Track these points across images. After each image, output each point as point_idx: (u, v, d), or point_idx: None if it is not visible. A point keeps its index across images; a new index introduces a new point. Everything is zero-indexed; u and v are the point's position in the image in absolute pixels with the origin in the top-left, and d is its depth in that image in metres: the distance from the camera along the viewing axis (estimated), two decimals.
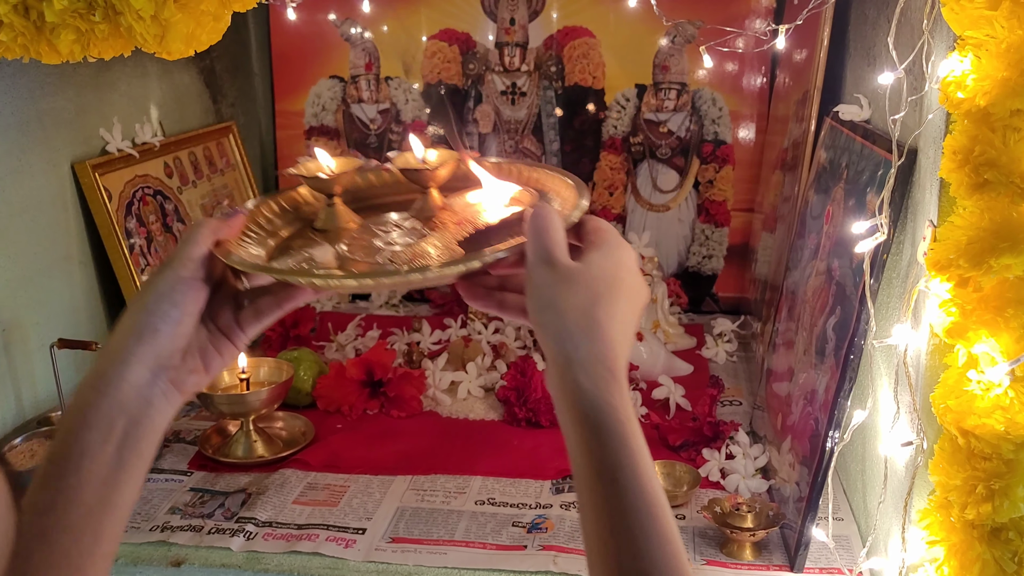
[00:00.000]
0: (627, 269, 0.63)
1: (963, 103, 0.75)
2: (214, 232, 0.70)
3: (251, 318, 0.70)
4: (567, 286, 0.60)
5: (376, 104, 2.09)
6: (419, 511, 1.23)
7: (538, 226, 0.62)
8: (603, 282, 0.60)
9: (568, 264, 0.61)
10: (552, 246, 0.61)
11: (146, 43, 0.91)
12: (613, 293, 0.60)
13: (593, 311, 0.59)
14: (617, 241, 0.64)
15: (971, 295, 0.79)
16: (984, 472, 0.80)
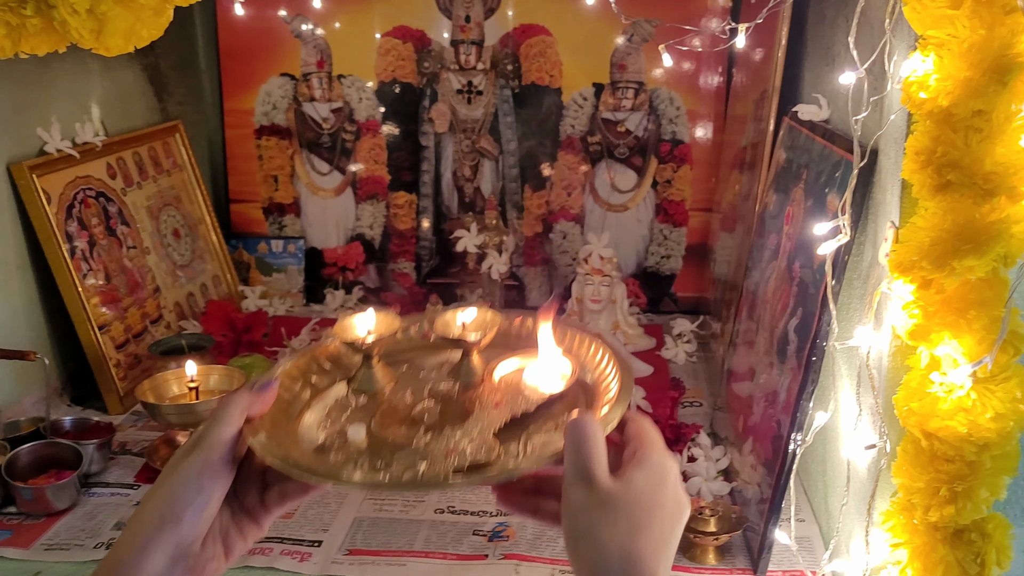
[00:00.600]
0: (670, 487, 0.60)
1: (925, 103, 0.74)
2: (245, 409, 0.65)
3: (276, 499, 0.67)
4: (605, 512, 0.56)
5: (329, 103, 2.04)
6: (377, 521, 1.20)
7: (577, 439, 0.58)
8: (644, 509, 0.57)
9: (607, 486, 0.57)
10: (592, 463, 0.57)
11: (82, 39, 0.87)
12: (652, 519, 0.57)
13: (633, 544, 0.56)
14: (660, 454, 0.60)
15: (934, 297, 0.78)
16: (947, 474, 0.80)
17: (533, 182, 2.02)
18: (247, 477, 0.66)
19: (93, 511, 1.23)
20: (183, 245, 1.89)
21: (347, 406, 0.75)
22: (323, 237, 2.11)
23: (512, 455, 0.64)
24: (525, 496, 0.66)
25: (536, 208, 2.02)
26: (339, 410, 0.74)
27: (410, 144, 2.04)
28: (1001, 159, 0.73)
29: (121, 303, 1.64)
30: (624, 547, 0.56)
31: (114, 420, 1.47)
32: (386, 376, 0.77)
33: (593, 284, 1.78)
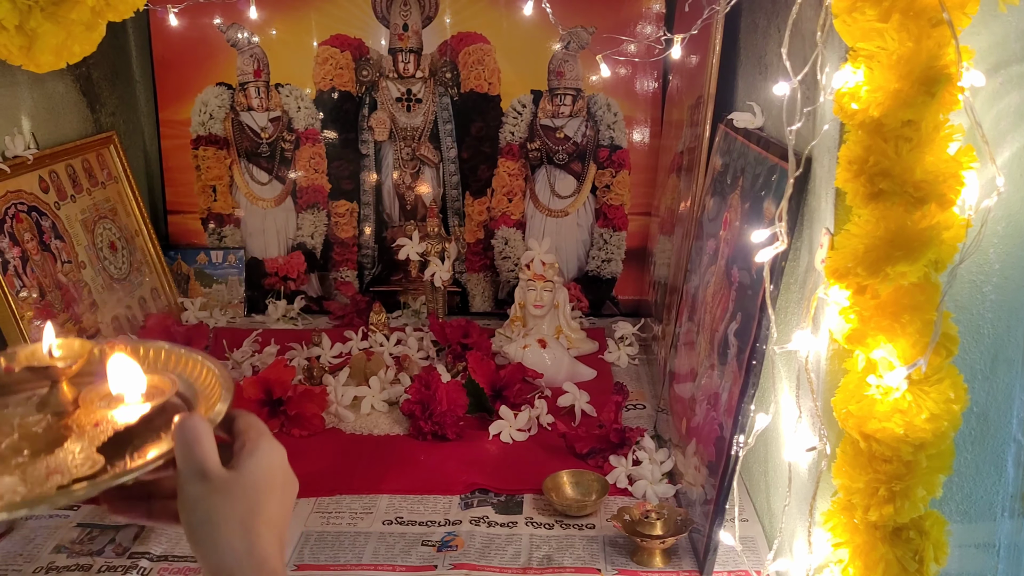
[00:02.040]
0: (278, 469, 0.64)
1: (857, 114, 0.76)
2: None
3: None
4: (222, 498, 0.60)
5: (267, 112, 2.02)
6: (325, 535, 1.19)
7: (187, 439, 0.60)
8: (258, 490, 0.61)
9: (221, 474, 0.60)
10: (204, 459, 0.60)
11: (11, 55, 0.84)
12: (267, 499, 0.62)
13: (252, 522, 0.60)
14: (269, 444, 0.65)
15: (869, 302, 0.80)
16: (885, 474, 0.82)
17: (474, 189, 2.02)
18: None
19: (30, 535, 1.20)
20: (120, 258, 1.85)
21: None
22: (263, 247, 2.08)
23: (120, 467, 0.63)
24: (137, 502, 0.67)
25: (477, 215, 2.03)
26: None
27: (350, 152, 2.03)
28: (930, 167, 0.76)
29: (56, 319, 1.59)
30: (245, 525, 0.60)
31: None
32: None
33: (535, 290, 1.79)
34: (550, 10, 1.06)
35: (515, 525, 1.21)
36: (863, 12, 0.75)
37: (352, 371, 1.62)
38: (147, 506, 0.66)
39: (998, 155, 0.83)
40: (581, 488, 1.27)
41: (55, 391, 0.72)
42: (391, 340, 1.79)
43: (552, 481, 1.27)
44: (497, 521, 1.23)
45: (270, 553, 0.60)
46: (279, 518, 0.63)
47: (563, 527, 1.21)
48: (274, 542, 0.61)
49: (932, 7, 0.72)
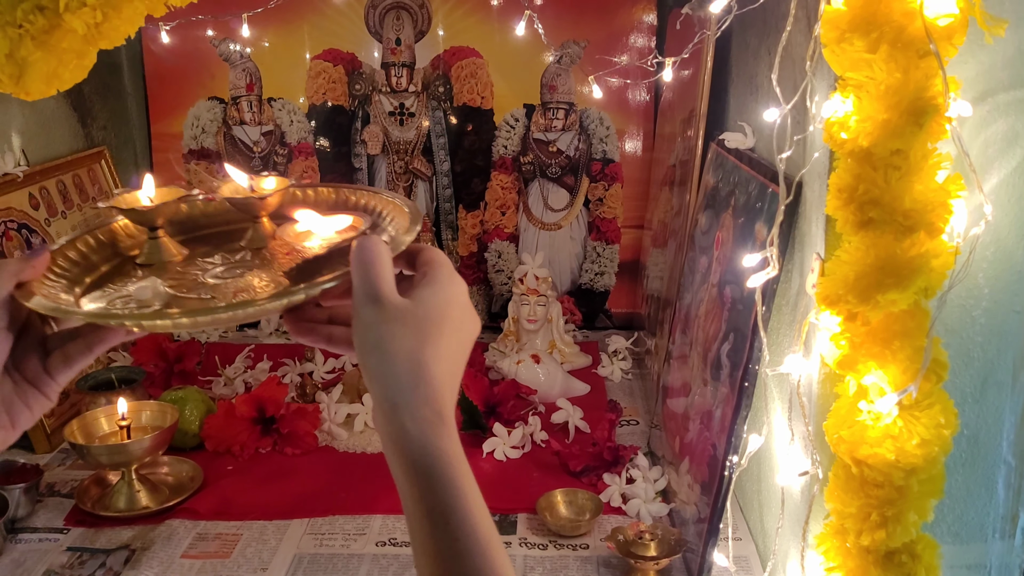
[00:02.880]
0: (457, 305, 0.61)
1: (846, 143, 0.77)
2: (15, 274, 0.64)
3: (60, 364, 0.64)
4: (394, 326, 0.57)
5: (259, 126, 2.02)
6: (318, 557, 1.19)
7: (364, 260, 0.58)
8: (431, 321, 0.59)
9: (396, 301, 0.58)
10: (379, 281, 0.58)
11: (1, 84, 0.84)
12: (442, 332, 0.59)
13: (420, 354, 0.57)
14: (449, 275, 0.62)
15: (859, 329, 0.81)
16: (877, 499, 0.83)
17: (467, 202, 2.02)
18: (26, 347, 0.64)
19: (20, 559, 1.19)
20: None
21: (131, 275, 0.72)
22: None
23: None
24: (318, 325, 0.66)
25: (471, 228, 2.03)
26: (123, 279, 0.72)
27: (343, 166, 2.03)
28: (919, 196, 0.76)
29: None
30: (413, 355, 0.57)
31: (41, 459, 1.43)
32: (174, 248, 0.75)
33: (529, 304, 1.80)
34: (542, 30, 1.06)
35: (509, 546, 1.21)
36: (852, 42, 0.75)
37: (345, 388, 1.62)
38: (328, 331, 0.65)
39: (985, 182, 0.83)
40: (575, 507, 1.27)
41: (256, 226, 0.74)
42: None
43: (546, 500, 1.27)
44: None
45: (436, 390, 0.57)
46: (453, 354, 0.59)
47: (557, 547, 1.21)
48: (444, 378, 0.58)
49: (920, 38, 0.73)
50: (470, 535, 0.55)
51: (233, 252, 0.75)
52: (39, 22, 0.78)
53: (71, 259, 0.72)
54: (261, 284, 0.68)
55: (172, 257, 0.74)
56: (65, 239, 0.73)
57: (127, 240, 0.76)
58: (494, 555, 0.56)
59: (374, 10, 1.95)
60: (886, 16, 0.74)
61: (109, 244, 0.75)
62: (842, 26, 0.76)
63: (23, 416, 0.64)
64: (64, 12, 0.79)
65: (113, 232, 0.76)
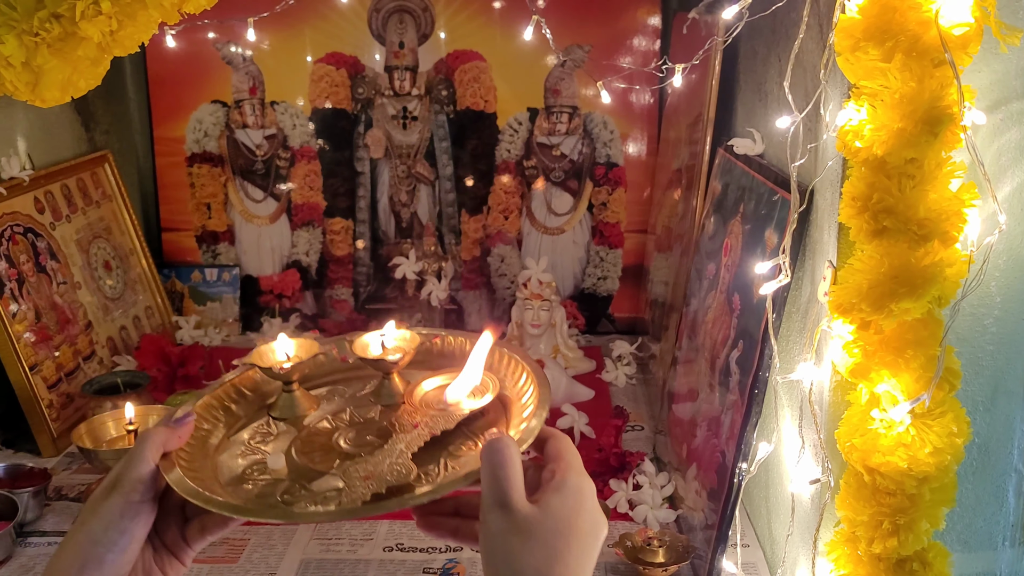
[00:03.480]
0: (586, 512, 0.60)
1: (861, 152, 0.77)
2: (161, 445, 0.65)
3: (197, 534, 0.66)
4: (523, 539, 0.56)
5: (262, 129, 2.02)
6: (324, 562, 1.19)
7: (494, 463, 0.58)
8: (562, 535, 0.57)
9: (524, 510, 0.57)
10: (509, 488, 0.57)
11: (17, 91, 0.84)
12: (570, 546, 0.58)
13: (549, 572, 0.56)
14: (578, 477, 0.61)
15: (872, 337, 0.81)
16: (889, 508, 0.83)
17: (470, 206, 2.02)
18: (167, 513, 0.65)
19: (29, 563, 1.19)
20: (114, 277, 1.84)
21: (268, 434, 0.74)
22: (258, 264, 2.07)
23: (431, 477, 0.65)
24: (445, 518, 0.66)
25: (473, 232, 2.03)
26: (259, 439, 0.74)
27: (345, 170, 2.03)
28: (933, 205, 0.76)
29: (52, 341, 1.58)
30: (540, 573, 0.56)
31: (48, 463, 1.43)
32: (307, 402, 0.77)
33: (533, 309, 1.80)
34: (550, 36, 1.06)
35: None
36: (866, 51, 0.75)
37: None
38: (455, 524, 0.65)
39: (999, 191, 0.83)
40: None
41: (386, 383, 0.75)
42: None
43: None
44: None
45: None
46: (579, 567, 0.58)
47: None
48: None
49: (935, 47, 0.73)
50: None
51: (362, 408, 0.76)
52: (55, 30, 0.78)
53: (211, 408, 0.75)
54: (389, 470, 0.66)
55: (306, 411, 0.75)
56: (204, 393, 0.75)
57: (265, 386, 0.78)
58: None
59: (377, 13, 1.95)
60: (901, 25, 0.74)
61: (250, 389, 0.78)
62: (856, 35, 0.76)
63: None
64: (80, 20, 0.79)
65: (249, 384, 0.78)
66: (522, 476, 0.59)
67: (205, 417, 0.74)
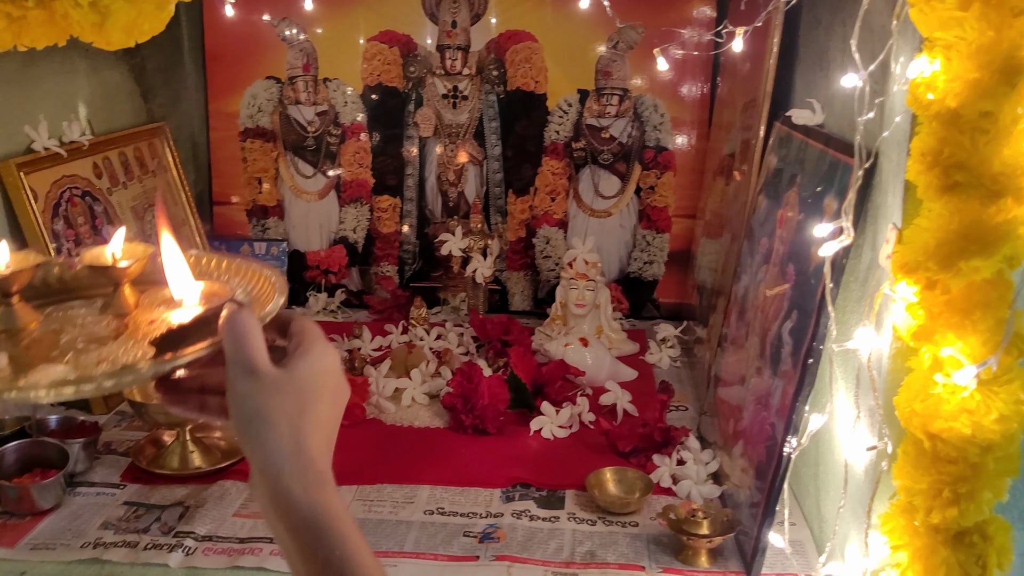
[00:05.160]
0: (330, 373, 0.63)
1: (932, 105, 0.75)
2: None
3: None
4: (272, 396, 0.59)
5: (314, 106, 2.03)
6: (366, 522, 1.19)
7: (236, 331, 0.59)
8: (308, 392, 0.60)
9: (271, 372, 0.59)
10: (253, 354, 0.59)
11: (83, 31, 0.85)
12: (318, 401, 0.61)
13: (300, 421, 0.59)
14: (323, 347, 0.63)
15: (938, 298, 0.79)
16: (950, 476, 0.81)
17: (517, 187, 2.02)
18: None
19: (78, 511, 1.21)
20: None
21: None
22: (306, 240, 2.09)
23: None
24: (190, 395, 0.66)
25: (520, 213, 2.02)
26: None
27: (394, 148, 2.03)
28: (1008, 160, 0.74)
29: None
30: (293, 424, 0.59)
31: (99, 420, 1.45)
32: (29, 315, 0.73)
33: (578, 288, 1.79)
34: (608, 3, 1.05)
35: (557, 520, 1.21)
36: (941, 1, 0.74)
37: (393, 363, 1.62)
38: (200, 400, 0.66)
39: None
40: (624, 486, 1.26)
41: (117, 293, 0.73)
42: (431, 335, 1.79)
43: (595, 478, 1.26)
44: (539, 515, 1.22)
45: (318, 453, 0.59)
46: (329, 421, 0.62)
47: (606, 524, 1.20)
48: (322, 443, 0.60)
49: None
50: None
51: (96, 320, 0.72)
52: None
53: None
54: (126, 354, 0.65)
55: (28, 324, 0.72)
56: None
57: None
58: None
59: None
60: None
61: None
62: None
63: None
64: None
65: None
66: (264, 345, 0.60)
67: None
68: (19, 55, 1.51)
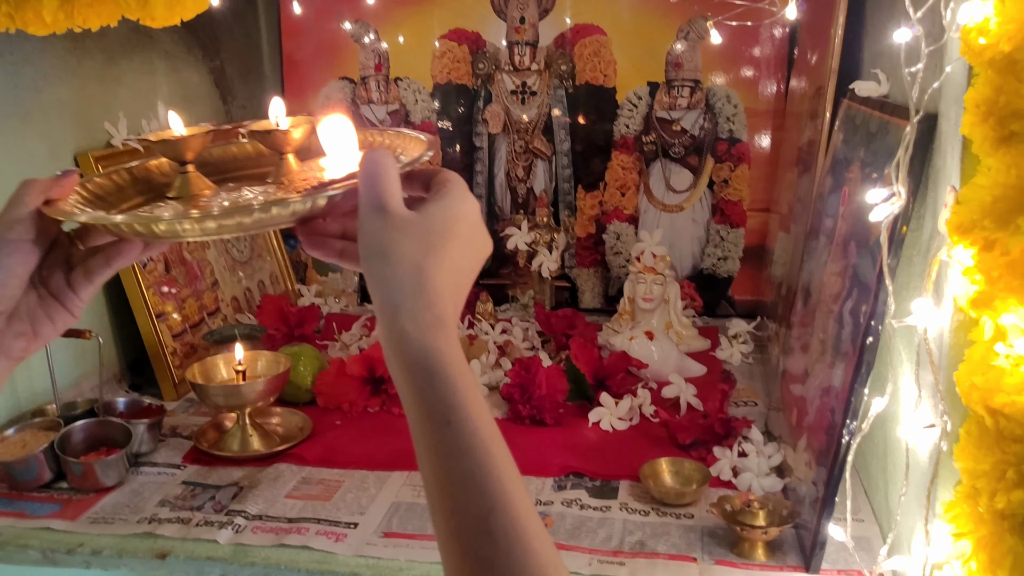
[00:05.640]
0: (466, 220, 0.61)
1: (985, 50, 0.70)
2: (43, 192, 0.68)
3: (82, 279, 0.69)
4: (398, 234, 0.58)
5: (385, 105, 2.06)
6: (414, 507, 1.18)
7: (370, 171, 0.59)
8: (436, 233, 0.59)
9: (401, 212, 0.58)
10: (383, 192, 0.58)
11: (129, 8, 0.88)
12: (446, 244, 0.59)
13: (423, 261, 0.57)
14: (461, 193, 0.62)
15: (998, 260, 0.73)
16: (1015, 455, 0.74)
17: (586, 182, 1.99)
18: (53, 263, 0.69)
19: (139, 488, 1.24)
20: (242, 243, 1.92)
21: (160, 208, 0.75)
22: None
23: None
24: (330, 240, 0.67)
25: (589, 209, 2.00)
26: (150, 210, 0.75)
27: (464, 145, 2.04)
28: None
29: (179, 294, 1.66)
30: (415, 261, 0.57)
31: (167, 406, 1.49)
32: (201, 183, 0.77)
33: (645, 282, 1.75)
34: None
35: (608, 509, 1.17)
36: None
37: None
38: (341, 245, 0.66)
39: None
40: (681, 477, 1.22)
41: (282, 162, 0.77)
42: (496, 329, 1.78)
43: (650, 468, 1.22)
44: (590, 504, 1.19)
45: (439, 296, 0.57)
46: (457, 266, 0.59)
47: (659, 515, 1.16)
48: (447, 287, 0.58)
49: None
50: (472, 433, 0.55)
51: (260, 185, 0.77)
52: None
53: (106, 188, 0.76)
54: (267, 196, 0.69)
55: (201, 191, 0.76)
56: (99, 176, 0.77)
57: (161, 178, 0.80)
58: (496, 452, 0.56)
59: None
60: None
61: (143, 180, 0.79)
62: None
63: (46, 328, 0.68)
64: None
65: (148, 170, 0.80)
66: (399, 185, 0.59)
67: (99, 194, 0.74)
68: (100, 55, 1.58)
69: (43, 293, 0.68)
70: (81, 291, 0.69)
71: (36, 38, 1.43)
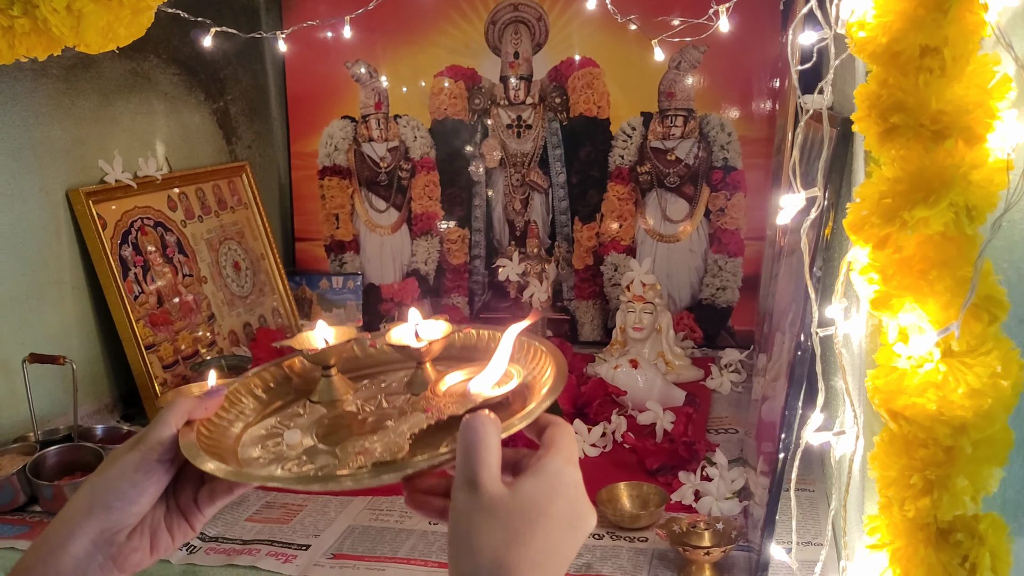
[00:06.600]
0: (563, 498, 0.56)
1: (867, 44, 0.69)
2: (187, 413, 0.68)
3: (207, 499, 0.69)
4: (484, 518, 0.53)
5: (386, 142, 2.10)
6: (369, 529, 1.18)
7: (468, 441, 0.55)
8: (525, 518, 0.54)
9: (491, 489, 0.54)
10: (478, 467, 0.55)
11: (62, 35, 0.92)
12: (535, 530, 0.54)
13: (507, 554, 0.53)
14: (562, 463, 0.57)
15: (891, 257, 0.71)
16: (920, 461, 0.71)
17: (583, 214, 1.99)
18: (186, 477, 0.68)
19: None
20: (243, 278, 1.95)
21: (297, 415, 0.76)
22: (380, 273, 2.14)
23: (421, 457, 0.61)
24: (433, 497, 0.63)
25: (587, 240, 1.99)
26: (287, 420, 0.75)
27: (462, 180, 2.06)
28: (953, 99, 0.66)
29: (172, 326, 1.70)
30: (497, 556, 0.52)
31: None
32: (344, 387, 0.77)
33: (635, 311, 1.73)
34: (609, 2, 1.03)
35: None
36: None
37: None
38: (442, 503, 0.62)
39: None
40: (639, 501, 1.19)
41: (419, 371, 0.76)
42: None
43: (608, 493, 1.19)
44: None
45: None
46: (547, 556, 0.54)
47: (613, 539, 1.13)
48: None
49: None
50: None
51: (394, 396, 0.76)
52: None
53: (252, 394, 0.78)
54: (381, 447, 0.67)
55: (343, 395, 0.77)
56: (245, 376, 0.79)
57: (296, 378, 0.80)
58: None
59: (494, 26, 1.99)
60: None
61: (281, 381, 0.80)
62: None
63: (164, 541, 0.67)
64: None
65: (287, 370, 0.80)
66: (498, 457, 0.56)
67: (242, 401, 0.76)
68: (95, 95, 1.65)
69: (171, 506, 0.68)
70: (205, 508, 0.69)
71: (26, 78, 1.50)
